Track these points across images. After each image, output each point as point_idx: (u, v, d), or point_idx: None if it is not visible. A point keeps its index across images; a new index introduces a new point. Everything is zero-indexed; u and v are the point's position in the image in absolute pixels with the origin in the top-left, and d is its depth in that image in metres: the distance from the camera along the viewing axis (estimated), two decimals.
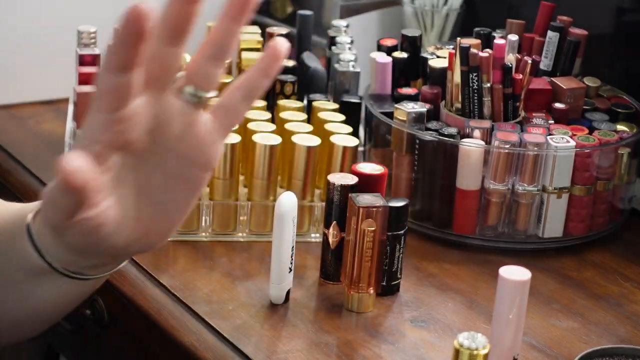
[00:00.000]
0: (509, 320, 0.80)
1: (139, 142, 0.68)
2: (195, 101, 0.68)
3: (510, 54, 1.11)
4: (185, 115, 0.69)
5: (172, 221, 0.72)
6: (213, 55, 0.69)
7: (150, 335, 0.98)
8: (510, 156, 1.06)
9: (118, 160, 0.68)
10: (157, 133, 0.69)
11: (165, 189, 0.71)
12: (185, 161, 0.70)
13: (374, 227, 0.92)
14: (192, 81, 0.68)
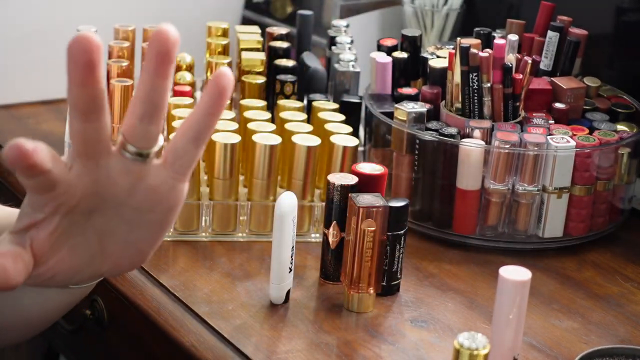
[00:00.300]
0: (509, 320, 0.80)
1: (85, 204, 0.66)
2: (140, 160, 0.66)
3: (510, 54, 1.11)
4: (132, 173, 0.66)
5: (142, 252, 0.70)
6: (143, 114, 0.65)
7: (150, 335, 0.98)
8: (511, 156, 1.06)
9: (65, 220, 0.66)
10: (104, 193, 0.67)
11: (128, 232, 0.69)
12: (143, 210, 0.68)
13: (374, 227, 0.92)
14: (129, 141, 0.65)
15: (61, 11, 1.42)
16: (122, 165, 0.65)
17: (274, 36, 1.30)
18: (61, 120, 1.35)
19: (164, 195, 0.68)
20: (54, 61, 1.41)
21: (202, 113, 0.66)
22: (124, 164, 0.65)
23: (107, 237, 0.68)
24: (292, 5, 1.63)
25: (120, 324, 1.04)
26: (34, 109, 1.41)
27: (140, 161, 0.66)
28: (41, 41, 1.41)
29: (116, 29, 1.29)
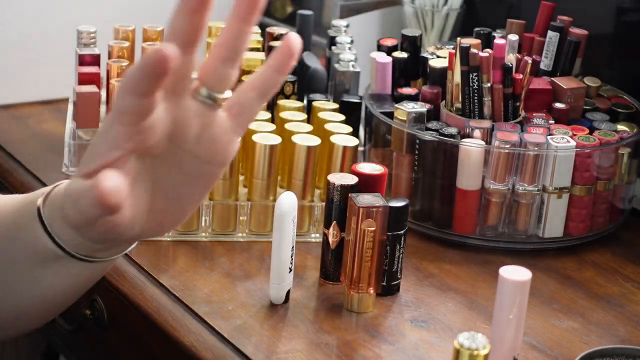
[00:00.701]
0: (509, 321, 0.80)
1: (158, 147, 0.70)
2: (210, 103, 0.69)
3: (510, 54, 1.11)
4: (202, 117, 0.70)
5: (184, 211, 0.74)
6: (225, 57, 0.69)
7: (150, 335, 0.97)
8: (511, 156, 1.06)
9: (136, 163, 0.69)
10: (176, 136, 0.70)
11: (180, 185, 0.72)
12: (201, 160, 0.72)
13: (374, 227, 0.92)
14: (206, 83, 0.69)
15: (61, 11, 1.42)
16: (196, 108, 0.69)
17: (274, 36, 1.30)
18: (61, 120, 1.35)
19: (223, 146, 0.72)
20: (54, 61, 1.41)
21: (271, 70, 0.70)
22: (197, 107, 0.69)
23: (160, 190, 0.72)
24: (292, 5, 1.63)
25: (120, 324, 1.04)
26: (34, 109, 1.41)
27: (210, 104, 0.69)
28: (41, 41, 1.41)
29: (116, 29, 1.29)
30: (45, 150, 1.27)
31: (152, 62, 0.64)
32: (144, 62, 0.64)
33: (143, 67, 0.65)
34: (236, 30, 0.69)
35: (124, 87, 0.66)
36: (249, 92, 0.71)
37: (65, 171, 1.21)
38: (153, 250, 1.04)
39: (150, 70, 0.64)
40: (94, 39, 1.26)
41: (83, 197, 0.68)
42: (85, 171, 0.69)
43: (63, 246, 0.74)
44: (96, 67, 1.24)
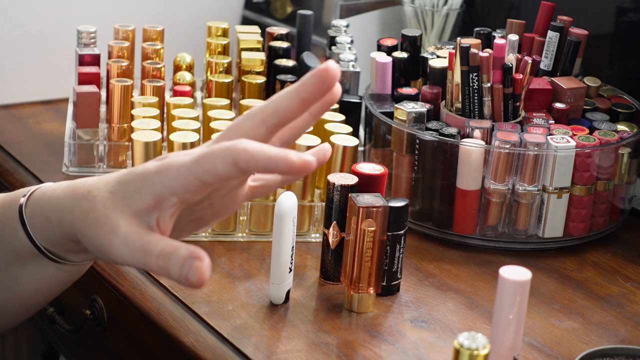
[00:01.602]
0: (509, 321, 0.80)
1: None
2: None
3: (510, 53, 1.11)
4: (238, 181, 0.78)
5: (203, 225, 0.82)
6: (285, 140, 0.78)
7: (150, 335, 0.97)
8: (511, 156, 1.06)
9: (184, 205, 0.75)
10: (222, 189, 0.78)
11: (183, 224, 0.78)
12: (213, 210, 0.79)
13: (374, 227, 0.92)
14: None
15: (61, 11, 1.42)
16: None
17: (274, 36, 1.30)
18: (61, 120, 1.35)
19: (236, 205, 0.80)
20: (54, 61, 1.42)
21: (297, 171, 0.70)
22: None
23: (191, 220, 0.79)
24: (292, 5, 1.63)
25: (120, 324, 1.04)
26: (34, 109, 1.41)
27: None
28: (41, 41, 1.41)
29: (116, 29, 1.29)
30: (45, 150, 1.27)
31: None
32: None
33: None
34: (305, 123, 0.77)
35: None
36: (276, 179, 0.80)
37: (65, 171, 1.21)
38: None
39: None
40: (94, 39, 1.26)
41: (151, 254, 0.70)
42: (140, 207, 0.71)
43: (38, 244, 0.76)
44: (96, 67, 1.24)
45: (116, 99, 1.20)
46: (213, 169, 0.68)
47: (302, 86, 0.72)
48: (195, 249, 0.69)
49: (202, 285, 0.68)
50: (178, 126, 1.08)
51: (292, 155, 0.67)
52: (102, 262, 1.03)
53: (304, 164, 0.68)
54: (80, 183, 0.75)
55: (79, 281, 1.10)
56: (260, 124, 0.73)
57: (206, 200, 0.78)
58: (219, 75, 1.24)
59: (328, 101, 0.75)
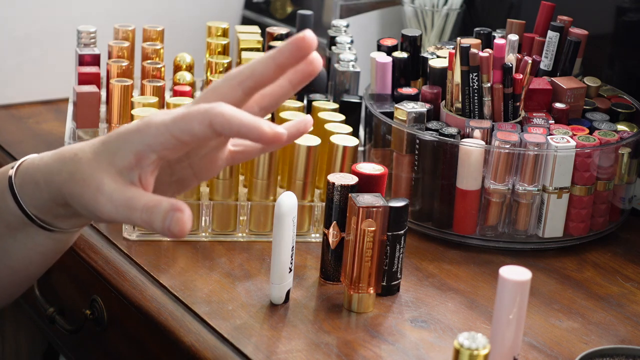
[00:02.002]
0: (509, 321, 0.80)
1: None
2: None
3: (510, 53, 1.11)
4: (218, 143, 0.80)
5: (185, 188, 0.83)
6: (265, 107, 0.80)
7: (150, 335, 0.97)
8: (511, 156, 1.06)
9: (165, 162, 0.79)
10: (192, 151, 0.79)
11: (165, 185, 0.80)
12: (193, 172, 0.81)
13: (374, 227, 0.92)
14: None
15: (61, 11, 1.42)
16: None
17: (274, 36, 1.30)
18: (61, 120, 1.35)
19: (216, 168, 0.82)
20: (54, 61, 1.41)
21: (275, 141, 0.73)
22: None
23: (173, 181, 0.81)
24: (292, 5, 1.63)
25: (120, 324, 1.04)
26: (34, 109, 1.41)
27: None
28: (41, 41, 1.41)
29: (116, 29, 1.29)
30: (45, 150, 1.27)
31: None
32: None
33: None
34: (285, 92, 0.79)
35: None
36: (256, 146, 0.82)
37: None
38: (153, 250, 1.04)
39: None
40: (94, 39, 1.26)
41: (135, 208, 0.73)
42: (122, 164, 0.74)
43: (28, 212, 0.79)
44: (96, 67, 1.24)
45: (116, 99, 1.20)
46: (190, 129, 0.72)
47: (279, 52, 0.75)
48: (177, 201, 0.72)
49: (184, 235, 0.71)
50: None
51: (265, 126, 0.71)
52: (102, 262, 1.03)
53: (275, 135, 0.71)
54: (67, 148, 0.79)
55: (79, 281, 1.11)
56: (237, 86, 0.76)
57: (185, 160, 0.80)
58: (219, 75, 1.24)
59: (308, 72, 0.78)
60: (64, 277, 1.15)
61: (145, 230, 1.06)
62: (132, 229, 1.06)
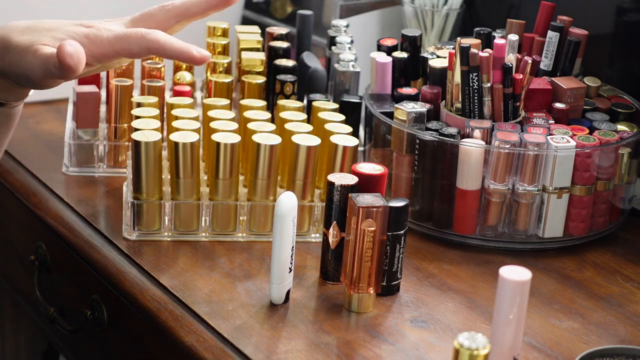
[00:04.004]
0: (509, 321, 0.80)
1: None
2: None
3: (510, 53, 1.11)
4: None
5: None
6: (179, 20, 0.96)
7: (150, 335, 0.97)
8: (511, 156, 1.06)
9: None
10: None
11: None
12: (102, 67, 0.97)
13: (374, 227, 0.92)
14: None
15: (61, 11, 1.42)
16: None
17: (274, 36, 1.30)
18: (61, 120, 1.35)
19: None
20: None
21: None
22: None
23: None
24: (292, 5, 1.63)
25: (120, 324, 1.04)
26: (34, 109, 1.41)
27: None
28: None
29: None
30: (45, 150, 1.27)
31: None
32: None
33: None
34: (202, 11, 0.93)
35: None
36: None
37: (65, 171, 1.21)
38: (153, 250, 1.04)
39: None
40: None
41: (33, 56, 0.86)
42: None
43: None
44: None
45: (116, 99, 1.20)
46: (129, 49, 0.88)
47: (212, 1, 0.92)
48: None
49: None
50: (178, 126, 1.08)
51: (193, 50, 0.89)
52: (102, 262, 1.03)
53: (202, 57, 0.89)
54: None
55: (79, 281, 1.11)
56: (172, 18, 0.93)
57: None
58: (218, 75, 1.24)
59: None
60: (64, 277, 1.15)
61: (146, 230, 1.06)
62: (132, 229, 1.06)
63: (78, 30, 0.89)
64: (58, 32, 0.89)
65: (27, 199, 1.18)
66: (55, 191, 1.16)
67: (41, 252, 1.18)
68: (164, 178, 1.09)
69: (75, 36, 0.88)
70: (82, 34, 0.89)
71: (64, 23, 0.91)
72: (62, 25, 0.90)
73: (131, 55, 0.89)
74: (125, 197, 1.08)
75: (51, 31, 0.89)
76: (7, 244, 1.31)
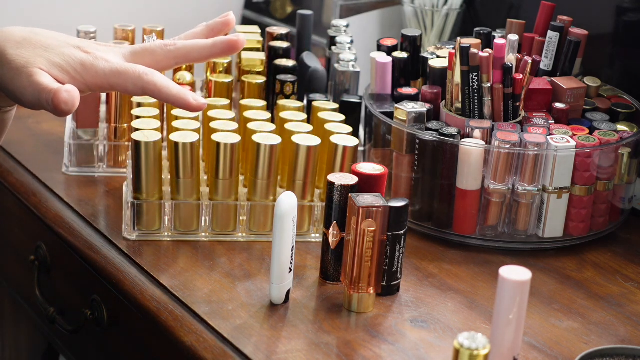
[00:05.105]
0: (509, 321, 0.80)
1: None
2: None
3: (510, 53, 1.11)
4: None
5: None
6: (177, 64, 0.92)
7: (150, 335, 0.97)
8: (511, 156, 1.06)
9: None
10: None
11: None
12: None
13: (374, 227, 0.92)
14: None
15: (61, 11, 1.42)
16: None
17: (274, 36, 1.30)
18: (61, 120, 1.35)
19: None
20: None
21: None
22: None
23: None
24: (292, 5, 1.63)
25: (120, 324, 1.04)
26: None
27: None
28: None
29: (116, 29, 1.29)
30: (45, 150, 1.27)
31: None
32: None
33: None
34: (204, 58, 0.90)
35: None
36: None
37: (65, 171, 1.21)
38: (153, 250, 1.04)
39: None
40: (93, 39, 1.26)
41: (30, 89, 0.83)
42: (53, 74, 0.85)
43: None
44: None
45: (116, 99, 1.20)
46: (125, 86, 0.85)
47: (214, 48, 0.89)
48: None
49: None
50: (178, 126, 1.08)
51: (190, 97, 0.86)
52: (102, 262, 1.03)
53: (199, 105, 0.86)
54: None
55: (79, 281, 1.11)
56: (172, 60, 0.90)
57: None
58: (218, 75, 1.24)
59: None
60: (64, 277, 1.15)
61: (146, 230, 1.06)
62: (132, 229, 1.06)
63: (74, 55, 0.87)
64: (54, 54, 0.86)
65: (27, 199, 1.18)
66: (55, 191, 1.16)
67: (41, 252, 1.18)
68: (164, 178, 1.09)
69: (70, 61, 0.86)
70: (77, 60, 0.86)
71: (60, 41, 0.88)
72: (58, 44, 0.87)
73: (125, 92, 0.87)
74: (125, 197, 1.08)
75: (47, 51, 0.86)
76: (7, 244, 1.31)
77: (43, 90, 0.83)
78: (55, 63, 0.86)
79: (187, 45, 0.90)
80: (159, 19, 1.40)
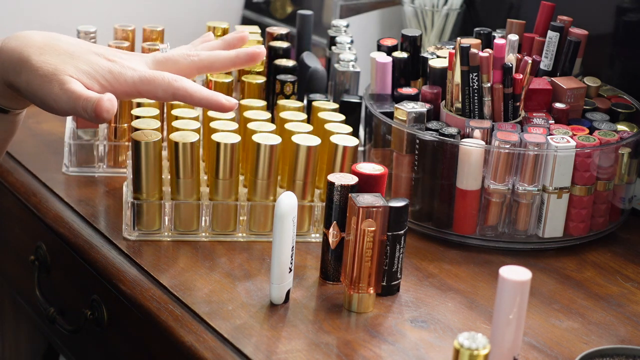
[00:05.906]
0: (509, 321, 0.80)
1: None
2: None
3: (510, 53, 1.11)
4: None
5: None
6: (196, 72, 0.96)
7: (150, 335, 0.97)
8: (511, 156, 1.06)
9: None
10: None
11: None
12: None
13: (374, 227, 0.92)
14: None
15: (61, 11, 1.42)
16: None
17: (274, 36, 1.30)
18: (61, 120, 1.35)
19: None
20: None
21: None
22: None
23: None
24: (292, 5, 1.63)
25: (120, 324, 1.04)
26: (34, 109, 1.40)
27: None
28: None
29: (116, 29, 1.29)
30: (45, 150, 1.27)
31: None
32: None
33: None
34: (225, 68, 0.94)
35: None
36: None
37: (65, 171, 1.21)
38: (153, 250, 1.04)
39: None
40: (93, 39, 1.26)
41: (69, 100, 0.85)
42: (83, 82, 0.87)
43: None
44: None
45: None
46: (154, 93, 0.88)
47: (237, 59, 0.93)
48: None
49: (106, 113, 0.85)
50: (178, 126, 1.08)
51: (222, 99, 0.89)
52: (102, 262, 1.03)
53: (231, 105, 0.89)
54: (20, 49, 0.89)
55: (79, 281, 1.11)
56: (195, 70, 0.93)
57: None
58: (218, 75, 1.24)
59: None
60: (64, 277, 1.15)
61: (146, 230, 1.06)
62: (132, 229, 1.06)
63: (101, 63, 0.87)
64: (80, 61, 0.86)
65: (27, 199, 1.18)
66: (55, 191, 1.16)
67: (41, 252, 1.18)
68: (164, 178, 1.09)
69: (98, 69, 0.86)
70: (105, 69, 0.87)
71: (83, 48, 0.88)
72: (82, 51, 0.88)
73: (155, 98, 0.88)
74: (125, 197, 1.08)
75: (73, 58, 0.87)
76: (7, 244, 1.31)
77: (79, 98, 0.84)
78: (84, 70, 0.86)
79: (211, 56, 0.92)
80: (159, 19, 1.40)
